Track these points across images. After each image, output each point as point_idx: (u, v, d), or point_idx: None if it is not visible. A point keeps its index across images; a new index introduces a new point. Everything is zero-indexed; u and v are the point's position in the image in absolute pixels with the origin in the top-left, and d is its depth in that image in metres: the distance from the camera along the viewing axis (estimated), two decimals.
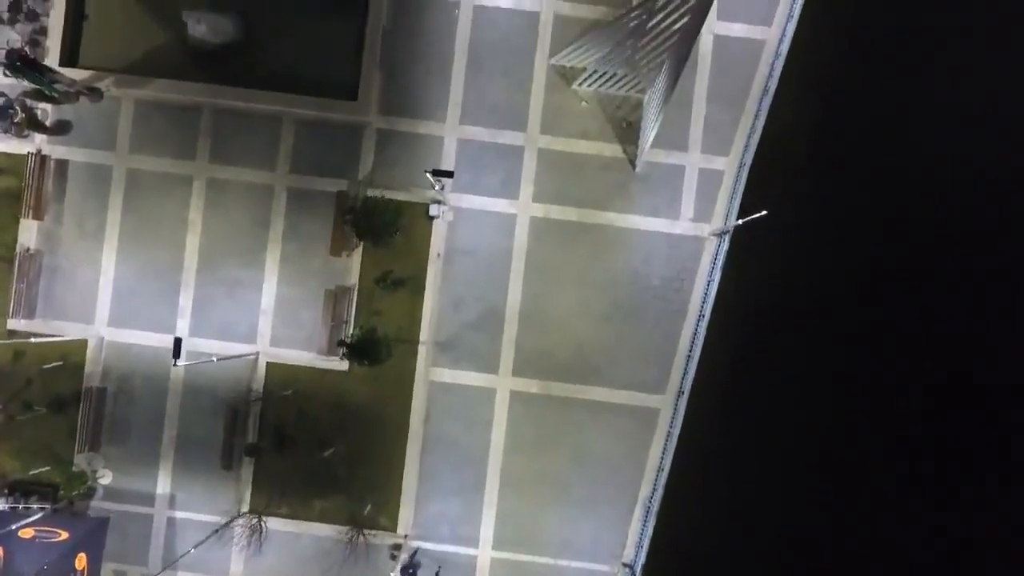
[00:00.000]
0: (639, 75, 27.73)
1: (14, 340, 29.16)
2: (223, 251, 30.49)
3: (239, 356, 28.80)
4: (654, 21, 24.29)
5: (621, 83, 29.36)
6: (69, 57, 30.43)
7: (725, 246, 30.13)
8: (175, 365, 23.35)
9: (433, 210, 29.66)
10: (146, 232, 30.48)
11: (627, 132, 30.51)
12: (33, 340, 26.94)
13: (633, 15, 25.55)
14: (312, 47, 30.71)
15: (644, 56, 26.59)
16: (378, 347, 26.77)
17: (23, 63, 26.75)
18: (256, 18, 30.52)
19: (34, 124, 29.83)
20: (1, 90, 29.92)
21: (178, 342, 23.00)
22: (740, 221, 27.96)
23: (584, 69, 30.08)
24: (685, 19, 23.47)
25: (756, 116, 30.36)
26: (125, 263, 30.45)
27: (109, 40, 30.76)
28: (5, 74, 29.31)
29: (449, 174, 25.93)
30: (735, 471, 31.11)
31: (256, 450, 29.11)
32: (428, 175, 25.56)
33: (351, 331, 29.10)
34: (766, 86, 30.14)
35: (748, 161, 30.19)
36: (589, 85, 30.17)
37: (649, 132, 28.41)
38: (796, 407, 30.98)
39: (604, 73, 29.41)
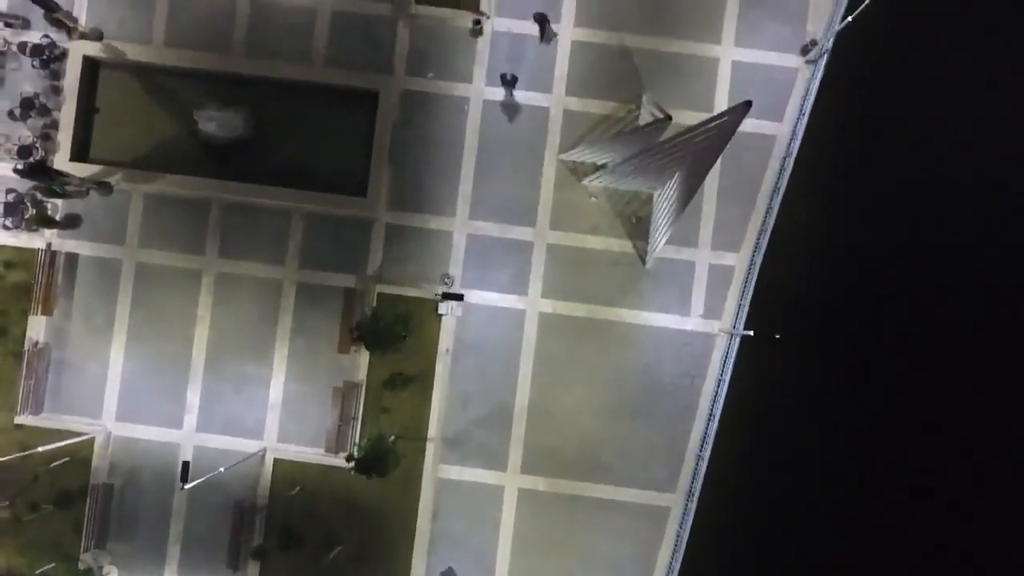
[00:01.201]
0: (648, 181, 27.64)
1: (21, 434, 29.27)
2: (231, 346, 30.41)
3: (246, 458, 28.62)
4: (668, 146, 24.20)
5: (630, 182, 29.28)
6: (80, 151, 30.52)
7: (736, 344, 29.87)
8: (182, 488, 23.18)
9: (442, 308, 29.51)
10: (154, 327, 30.43)
11: (637, 227, 30.38)
12: (40, 449, 26.87)
13: (645, 130, 25.48)
14: (321, 142, 30.75)
15: (655, 164, 26.48)
16: (386, 460, 26.62)
17: (34, 169, 26.85)
18: (266, 113, 30.57)
19: (44, 220, 29.88)
20: (11, 186, 29.98)
21: (186, 466, 22.91)
22: (742, 332, 27.82)
23: (593, 165, 30.08)
24: (701, 145, 23.38)
25: (767, 213, 30.18)
26: (133, 358, 30.39)
27: (120, 134, 30.88)
28: (16, 170, 29.49)
29: (459, 297, 25.84)
30: (747, 572, 30.75)
31: (263, 553, 28.91)
32: (438, 298, 25.49)
33: (358, 440, 28.93)
34: (777, 184, 29.98)
35: (759, 260, 29.97)
36: (598, 182, 30.09)
37: (660, 237, 28.25)
38: (810, 510, 30.64)
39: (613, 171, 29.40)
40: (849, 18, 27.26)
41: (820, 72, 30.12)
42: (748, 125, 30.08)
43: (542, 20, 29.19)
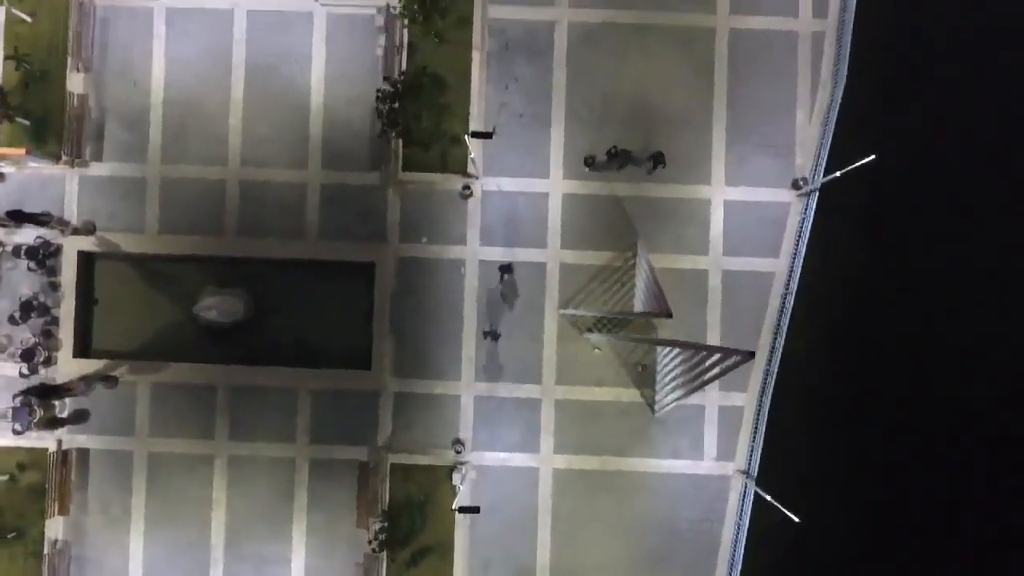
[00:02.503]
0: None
1: None
2: (249, 527, 30.45)
3: None
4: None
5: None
6: (82, 345, 30.66)
7: (752, 489, 29.83)
8: None
9: (455, 478, 29.51)
10: (171, 513, 30.48)
11: (643, 376, 30.36)
12: None
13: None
14: (322, 317, 30.80)
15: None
16: None
17: (39, 394, 27.07)
18: (264, 293, 30.68)
19: (53, 422, 29.99)
20: (17, 390, 30.06)
21: None
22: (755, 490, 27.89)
23: (594, 318, 30.13)
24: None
25: (772, 351, 30.14)
26: (153, 545, 30.45)
27: (121, 324, 30.98)
28: (22, 374, 29.69)
29: (475, 510, 25.97)
30: None
31: None
32: (455, 512, 25.58)
33: None
34: (778, 324, 29.93)
35: (767, 401, 29.93)
36: (600, 332, 30.12)
37: (669, 401, 28.21)
38: None
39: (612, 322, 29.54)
40: (837, 173, 27.23)
41: (813, 205, 30.07)
42: (744, 263, 30.51)
43: (505, 269, 29.79)
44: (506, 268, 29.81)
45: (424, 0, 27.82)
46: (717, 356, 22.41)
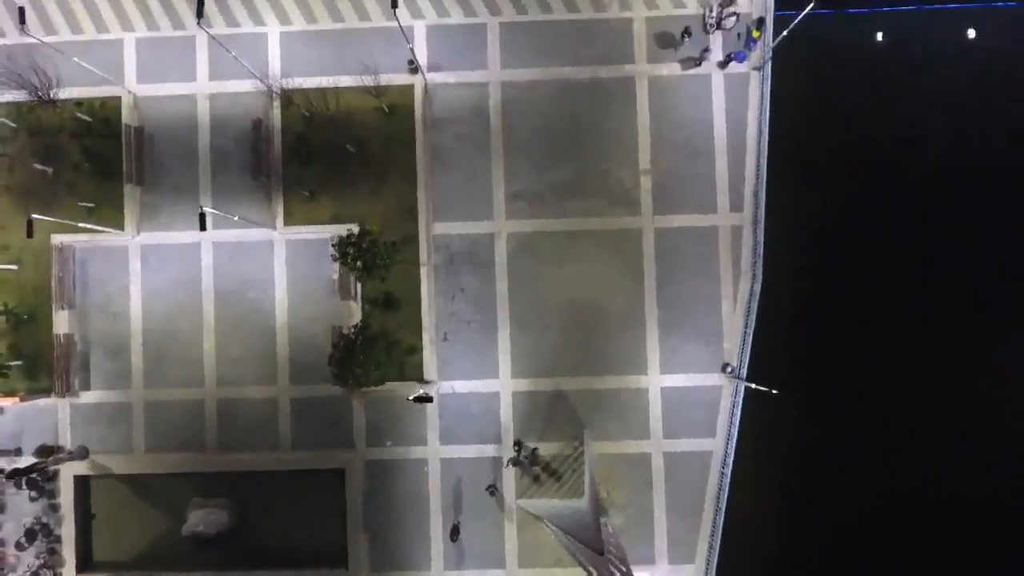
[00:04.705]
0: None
1: None
2: None
3: None
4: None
5: None
6: (84, 560, 33.41)
7: None
8: None
9: None
10: None
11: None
12: None
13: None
14: (300, 520, 33.51)
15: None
16: None
17: None
18: (246, 501, 33.38)
19: None
20: None
21: None
22: None
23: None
24: None
25: (713, 525, 32.72)
26: None
27: (117, 537, 33.79)
28: None
29: None
30: None
31: None
32: None
33: None
34: (717, 504, 32.52)
35: (712, 572, 32.55)
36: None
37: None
38: None
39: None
40: (754, 385, 29.89)
41: (742, 389, 32.66)
42: (684, 445, 33.11)
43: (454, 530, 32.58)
44: (491, 488, 32.38)
45: (356, 260, 30.23)
46: None
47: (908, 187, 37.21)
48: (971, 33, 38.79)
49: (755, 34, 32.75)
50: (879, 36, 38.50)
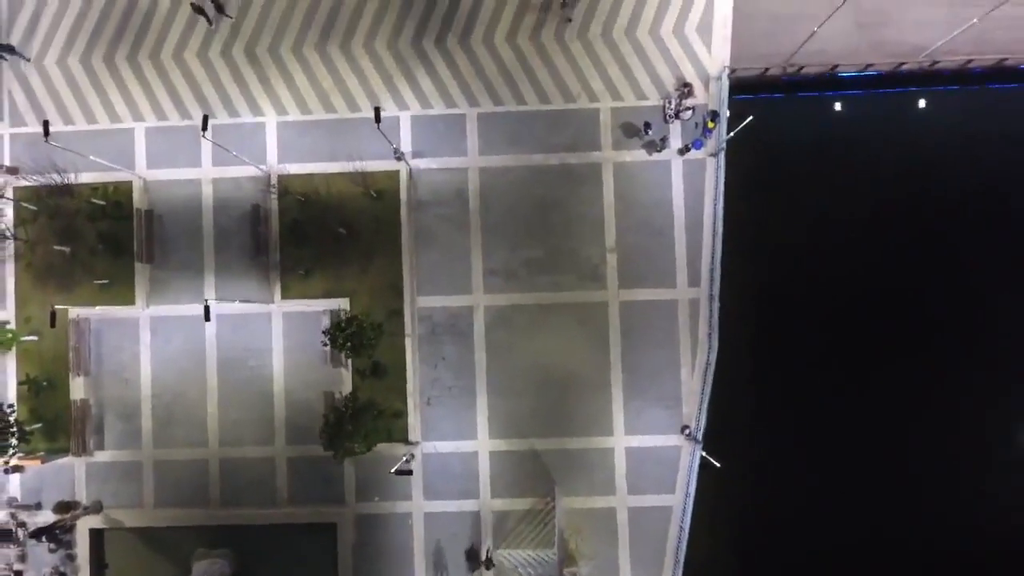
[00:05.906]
0: None
1: None
2: None
3: None
4: None
5: None
6: None
7: None
8: None
9: None
10: None
11: None
12: None
13: None
14: (296, 571, 36.60)
15: None
16: None
17: None
18: (246, 552, 36.46)
19: None
20: None
21: None
22: None
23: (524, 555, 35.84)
24: None
25: (672, 575, 35.76)
26: None
27: None
28: None
29: None
30: None
31: None
32: None
33: None
34: (676, 556, 35.54)
35: None
36: (530, 570, 35.82)
37: None
38: None
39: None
40: (704, 453, 33.04)
41: (699, 450, 35.67)
42: (648, 500, 36.16)
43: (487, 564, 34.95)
44: (487, 562, 35.17)
45: (344, 343, 33.24)
46: None
47: (860, 256, 40.30)
48: (922, 103, 41.89)
49: (710, 125, 35.84)
50: (836, 107, 41.65)
